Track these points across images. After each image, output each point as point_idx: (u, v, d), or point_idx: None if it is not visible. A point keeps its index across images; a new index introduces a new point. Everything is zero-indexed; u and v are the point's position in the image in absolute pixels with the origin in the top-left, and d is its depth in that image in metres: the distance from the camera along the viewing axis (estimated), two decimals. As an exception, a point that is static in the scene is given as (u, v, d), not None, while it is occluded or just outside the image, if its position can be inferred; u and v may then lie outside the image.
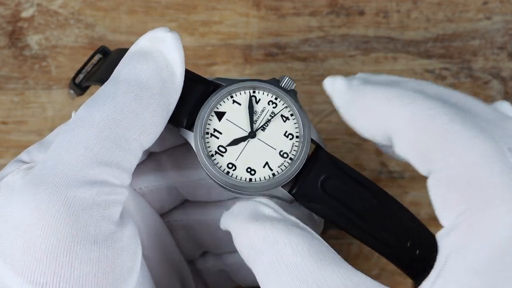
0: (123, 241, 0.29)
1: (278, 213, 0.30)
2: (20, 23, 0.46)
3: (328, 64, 0.46)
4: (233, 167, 0.31)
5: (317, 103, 0.45)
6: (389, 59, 0.46)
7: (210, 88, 0.32)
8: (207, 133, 0.32)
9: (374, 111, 0.30)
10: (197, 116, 0.32)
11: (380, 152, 0.45)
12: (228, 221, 0.30)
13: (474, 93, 0.46)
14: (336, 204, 0.31)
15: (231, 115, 0.32)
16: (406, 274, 0.33)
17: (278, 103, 0.32)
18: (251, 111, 0.32)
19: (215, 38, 0.46)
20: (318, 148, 0.32)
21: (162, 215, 0.37)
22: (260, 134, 0.32)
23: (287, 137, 0.32)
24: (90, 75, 0.37)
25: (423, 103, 0.29)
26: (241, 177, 0.31)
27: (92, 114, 0.29)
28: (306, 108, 0.33)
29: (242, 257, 0.29)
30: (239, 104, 0.32)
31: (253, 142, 0.32)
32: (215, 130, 0.32)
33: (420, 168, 0.29)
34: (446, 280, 0.26)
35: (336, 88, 0.31)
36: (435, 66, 0.46)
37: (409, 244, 0.32)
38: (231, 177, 0.31)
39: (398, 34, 0.46)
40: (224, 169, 0.31)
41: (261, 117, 0.32)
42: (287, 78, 0.32)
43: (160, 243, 0.36)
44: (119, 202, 0.29)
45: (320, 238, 0.29)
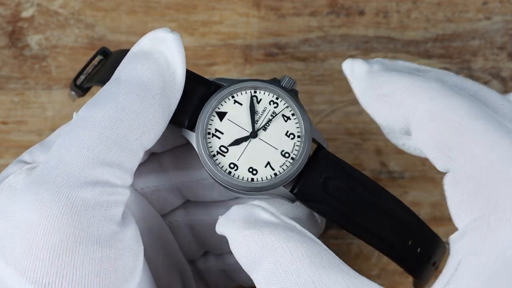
0: (125, 241, 0.29)
1: (275, 217, 0.29)
2: (20, 23, 0.46)
3: (328, 64, 0.46)
4: (235, 167, 0.31)
5: (317, 103, 0.45)
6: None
7: (211, 88, 0.32)
8: (209, 133, 0.32)
9: (395, 99, 0.29)
10: (199, 116, 0.32)
11: (380, 152, 0.45)
12: (224, 227, 0.29)
13: (474, 93, 0.46)
14: (338, 204, 0.31)
15: (232, 115, 0.32)
16: (408, 272, 0.33)
17: (279, 103, 0.32)
18: (253, 111, 0.32)
19: (215, 38, 0.46)
20: (320, 148, 0.32)
21: (164, 215, 0.37)
22: (261, 134, 0.32)
23: (289, 136, 0.32)
24: (91, 76, 0.37)
25: (449, 98, 0.28)
26: (243, 177, 0.31)
27: (93, 115, 0.29)
28: (306, 108, 0.33)
29: (240, 264, 0.29)
30: (241, 104, 0.32)
31: (254, 142, 0.32)
32: (216, 130, 0.32)
33: (437, 163, 0.29)
34: (456, 286, 0.26)
35: (356, 71, 0.31)
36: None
37: (411, 242, 0.32)
38: (233, 177, 0.31)
39: (398, 34, 0.46)
40: (226, 169, 0.31)
41: (263, 117, 0.32)
42: (288, 78, 0.32)
43: (162, 243, 0.36)
44: (121, 202, 0.29)
45: (320, 242, 0.29)
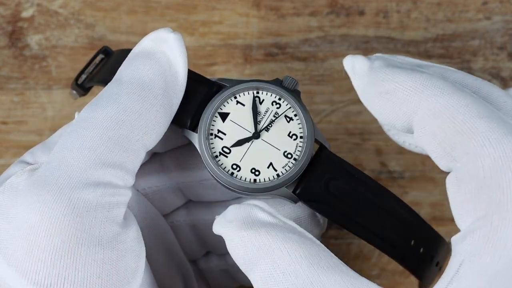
0: (127, 242, 0.29)
1: (273, 217, 0.29)
2: (20, 23, 0.46)
3: (328, 64, 0.46)
4: (238, 168, 0.31)
5: (317, 103, 0.45)
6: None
7: (214, 89, 0.32)
8: (211, 134, 0.32)
9: (398, 97, 0.29)
10: (201, 117, 0.32)
11: (380, 152, 0.45)
12: (221, 227, 0.29)
13: (474, 93, 0.46)
14: (340, 204, 0.31)
15: (235, 116, 0.32)
16: (411, 273, 0.33)
17: (281, 104, 0.32)
18: (255, 112, 0.32)
19: (215, 38, 0.46)
20: (322, 148, 0.32)
21: (166, 215, 0.37)
22: (264, 134, 0.32)
23: (291, 137, 0.32)
24: (92, 75, 0.37)
25: (451, 95, 0.28)
26: (245, 178, 0.31)
27: (95, 115, 0.29)
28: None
29: (238, 265, 0.29)
30: (243, 105, 0.32)
31: (257, 143, 0.32)
32: (219, 131, 0.32)
33: (440, 162, 0.29)
34: (459, 286, 0.26)
35: (357, 68, 0.30)
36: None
37: (413, 242, 0.32)
38: (235, 178, 0.31)
39: (398, 34, 0.46)
40: (229, 170, 0.31)
41: (265, 117, 0.32)
42: (290, 78, 0.32)
43: (163, 244, 0.36)
44: (123, 203, 0.29)
45: (319, 242, 0.28)
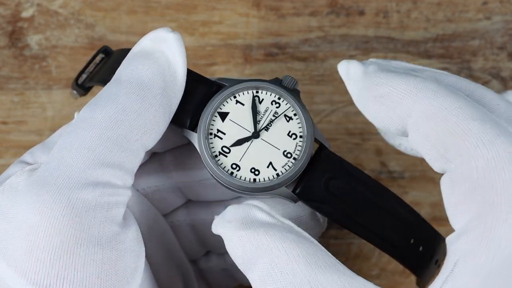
0: (126, 242, 0.29)
1: (271, 217, 0.29)
2: (20, 23, 0.46)
3: (328, 64, 0.46)
4: (237, 168, 0.31)
5: (317, 103, 0.45)
6: (389, 59, 0.46)
7: (213, 89, 0.32)
8: (211, 134, 0.32)
9: (392, 101, 0.29)
10: (201, 116, 0.32)
11: (380, 152, 0.45)
12: (219, 227, 0.29)
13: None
14: (340, 203, 0.31)
15: (234, 115, 0.32)
16: (411, 272, 0.33)
17: (281, 103, 0.32)
18: (255, 111, 0.32)
19: (215, 38, 0.46)
20: (322, 148, 0.32)
21: (165, 215, 0.37)
22: (263, 134, 0.32)
23: (291, 137, 0.32)
24: (92, 75, 0.37)
25: (445, 98, 0.28)
26: (245, 178, 0.31)
27: (94, 115, 0.29)
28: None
29: (236, 264, 0.29)
30: (242, 105, 0.32)
31: (256, 142, 0.32)
32: (218, 130, 0.32)
33: (434, 164, 0.29)
34: (453, 286, 0.26)
35: (351, 72, 0.30)
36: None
37: (412, 241, 0.32)
38: (235, 177, 0.31)
39: (398, 34, 0.46)
40: (228, 169, 0.31)
41: (265, 117, 0.32)
42: (290, 77, 0.32)
43: (163, 244, 0.36)
44: (122, 203, 0.29)
45: (317, 242, 0.29)
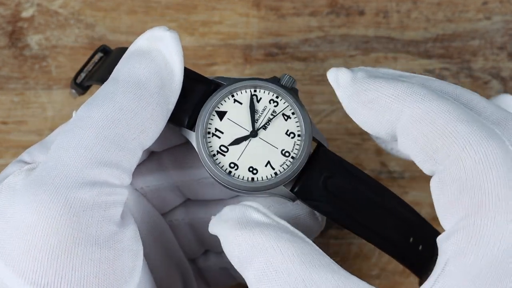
0: (124, 242, 0.29)
1: (267, 217, 0.29)
2: (20, 23, 0.46)
3: (328, 64, 0.46)
4: (235, 167, 0.31)
5: (317, 103, 0.45)
6: (389, 59, 0.46)
7: (211, 87, 0.32)
8: (209, 133, 0.32)
9: (380, 105, 0.29)
10: (198, 115, 0.32)
11: (380, 152, 0.45)
12: (216, 227, 0.30)
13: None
14: (338, 202, 0.31)
15: (232, 114, 0.32)
16: (410, 271, 0.33)
17: (279, 102, 0.32)
18: (253, 110, 0.32)
19: (215, 38, 0.46)
20: (320, 146, 0.32)
21: (164, 214, 0.37)
22: (261, 133, 0.32)
23: (289, 135, 0.32)
24: (91, 74, 0.37)
25: (433, 101, 0.28)
26: (243, 177, 0.31)
27: (91, 114, 0.29)
28: (306, 108, 0.33)
29: (232, 264, 0.29)
30: (240, 103, 0.32)
31: (254, 141, 0.32)
32: (216, 129, 0.32)
33: (424, 166, 0.29)
34: (443, 285, 0.26)
35: (340, 79, 0.31)
36: (435, 66, 0.46)
37: (412, 240, 0.32)
38: (233, 176, 0.31)
39: (398, 34, 0.46)
40: (226, 168, 0.31)
41: (263, 116, 0.32)
42: (288, 76, 0.32)
43: (162, 243, 0.36)
44: (120, 202, 0.29)
45: (311, 242, 0.29)
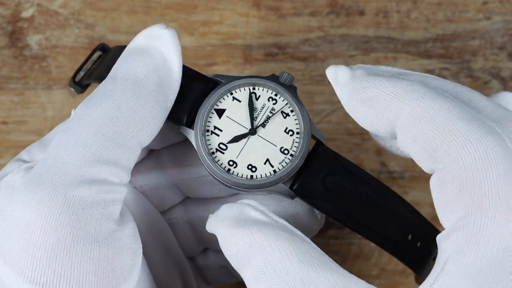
0: (123, 240, 0.29)
1: (265, 215, 0.29)
2: (20, 23, 0.46)
3: (328, 64, 0.46)
4: (234, 164, 0.31)
5: (317, 103, 0.45)
6: (389, 59, 0.46)
7: (210, 85, 0.32)
8: (208, 131, 0.32)
9: (380, 103, 0.29)
10: (197, 113, 0.32)
11: (380, 152, 0.45)
12: (214, 225, 0.30)
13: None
14: (337, 200, 0.31)
15: (231, 112, 0.32)
16: (408, 267, 0.33)
17: (278, 100, 0.32)
18: (251, 108, 0.32)
19: (215, 38, 0.46)
20: (319, 144, 0.32)
21: (163, 212, 0.37)
22: (260, 131, 0.32)
23: (288, 133, 0.32)
24: (90, 72, 0.37)
25: (432, 99, 0.28)
26: (242, 174, 0.31)
27: (89, 112, 0.29)
28: (306, 108, 0.33)
29: (230, 262, 0.29)
30: (239, 101, 0.32)
31: (253, 139, 0.32)
32: (215, 127, 0.32)
33: (423, 164, 0.29)
34: (443, 284, 0.26)
35: (339, 77, 0.31)
36: (435, 66, 0.46)
37: (410, 237, 0.32)
38: (232, 174, 0.31)
39: (398, 34, 0.46)
40: (225, 166, 0.31)
41: (261, 113, 0.32)
42: (287, 74, 0.32)
43: (161, 241, 0.36)
44: (119, 200, 0.29)
45: (309, 240, 0.29)
